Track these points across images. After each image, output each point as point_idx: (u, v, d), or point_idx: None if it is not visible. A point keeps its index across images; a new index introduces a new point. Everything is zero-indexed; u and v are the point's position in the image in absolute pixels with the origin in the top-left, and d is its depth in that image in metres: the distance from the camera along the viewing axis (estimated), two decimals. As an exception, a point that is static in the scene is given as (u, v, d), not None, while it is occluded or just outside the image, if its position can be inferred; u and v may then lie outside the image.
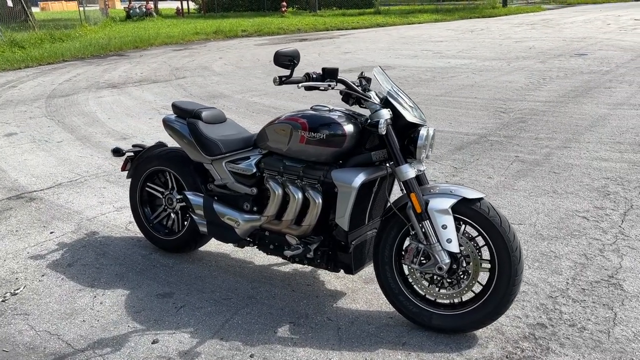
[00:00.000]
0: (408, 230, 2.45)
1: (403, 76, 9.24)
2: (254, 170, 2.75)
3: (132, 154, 3.30)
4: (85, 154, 5.29)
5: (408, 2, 30.70)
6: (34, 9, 25.07)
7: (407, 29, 19.01)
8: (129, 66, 11.59)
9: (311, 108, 2.60)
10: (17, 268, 3.14)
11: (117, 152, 3.28)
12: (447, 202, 2.33)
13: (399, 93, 2.46)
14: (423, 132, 2.37)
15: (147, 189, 3.26)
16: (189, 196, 2.94)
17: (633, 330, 2.43)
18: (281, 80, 2.27)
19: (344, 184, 2.41)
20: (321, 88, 2.32)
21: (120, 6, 37.26)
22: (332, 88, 2.34)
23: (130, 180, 3.31)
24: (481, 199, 2.34)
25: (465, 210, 2.34)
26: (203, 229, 2.92)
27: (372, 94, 2.46)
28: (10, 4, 15.19)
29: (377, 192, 2.63)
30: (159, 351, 2.38)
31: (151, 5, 26.96)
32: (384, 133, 2.33)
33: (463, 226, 2.41)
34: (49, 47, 13.77)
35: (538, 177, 4.33)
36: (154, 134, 5.91)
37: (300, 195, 2.57)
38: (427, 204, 2.35)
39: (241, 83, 9.07)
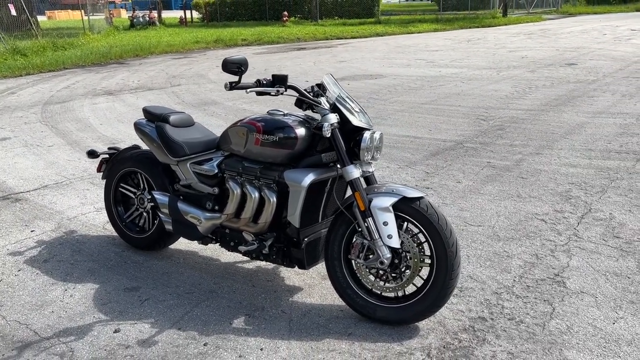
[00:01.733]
0: (355, 228, 2.61)
1: (392, 84, 9.41)
2: (216, 171, 2.92)
3: (107, 155, 3.48)
4: (73, 157, 5.48)
5: (409, 12, 30.97)
6: (41, 18, 25.49)
7: (405, 39, 19.22)
8: (127, 74, 11.83)
9: (267, 112, 2.77)
10: (-4, 263, 3.31)
11: (91, 154, 3.46)
12: (389, 201, 2.48)
13: (347, 99, 2.63)
14: (367, 135, 2.53)
15: (120, 189, 3.43)
16: (156, 195, 3.11)
17: (567, 323, 2.56)
18: (231, 86, 2.44)
19: (295, 183, 2.57)
20: (272, 93, 2.49)
21: (125, 15, 37.76)
22: (282, 94, 2.51)
23: (105, 181, 3.48)
24: (421, 197, 2.50)
25: (405, 208, 2.49)
26: (169, 226, 3.09)
27: (322, 99, 2.63)
28: (13, 12, 15.51)
29: (329, 192, 2.79)
30: (119, 339, 2.53)
31: (155, 14, 27.35)
32: (328, 136, 2.50)
33: (405, 224, 2.56)
34: (51, 55, 14.06)
35: (505, 181, 4.47)
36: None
37: (256, 194, 2.74)
38: (370, 202, 2.51)
39: (234, 91, 9.26)
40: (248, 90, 2.43)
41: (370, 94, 8.60)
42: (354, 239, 2.60)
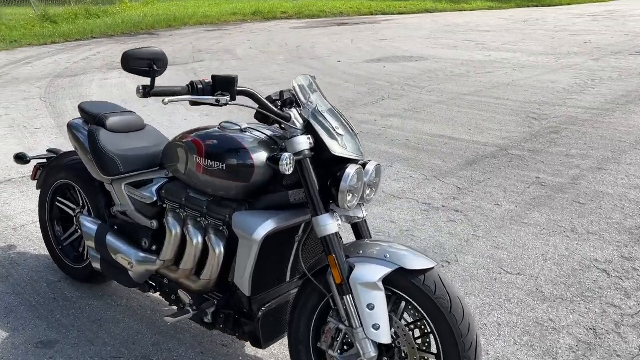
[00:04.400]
0: (330, 303, 1.80)
1: (433, 69, 8.39)
2: (155, 198, 2.15)
3: (44, 160, 2.77)
4: (56, 144, 4.83)
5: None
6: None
7: (455, 16, 17.84)
8: (153, 45, 11.19)
9: (219, 125, 1.96)
10: None
11: (20, 159, 2.75)
12: (378, 272, 1.66)
13: (327, 114, 1.80)
14: (350, 171, 1.70)
15: (57, 203, 2.72)
16: (83, 222, 2.38)
17: None
18: (145, 92, 1.63)
19: (244, 233, 1.78)
20: (210, 103, 1.67)
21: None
22: (227, 104, 1.69)
23: (39, 192, 2.78)
24: (428, 270, 1.66)
25: (403, 284, 1.66)
26: (96, 265, 2.36)
27: (293, 112, 1.80)
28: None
29: (305, 241, 1.99)
30: None
31: (198, -17, 26.63)
32: (287, 172, 1.68)
33: (403, 303, 1.73)
34: (82, 23, 13.57)
35: (557, 208, 3.54)
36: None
37: (199, 239, 1.96)
38: (351, 271, 1.69)
39: (257, 70, 8.47)
40: (167, 100, 1.62)
41: (406, 80, 7.63)
42: (328, 321, 1.79)
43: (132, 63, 1.63)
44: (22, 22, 13.07)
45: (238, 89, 1.72)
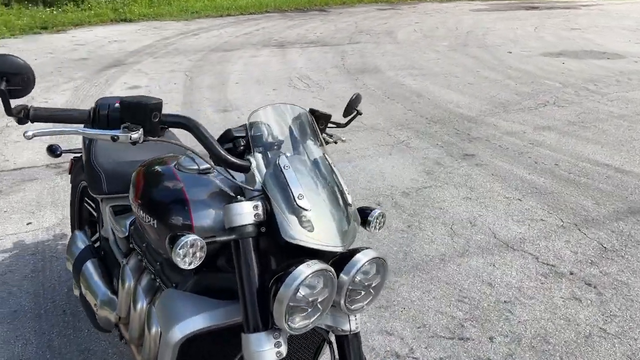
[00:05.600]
0: None
1: (627, 71, 6.78)
2: (127, 232, 1.69)
3: (79, 155, 2.50)
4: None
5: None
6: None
7: (681, 4, 14.72)
8: (317, 24, 10.99)
9: (177, 162, 1.40)
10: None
11: (52, 151, 2.50)
12: None
13: (304, 169, 1.14)
14: (301, 271, 1.03)
15: (85, 204, 2.44)
16: (73, 237, 2.03)
17: None
18: (22, 115, 1.11)
19: (162, 327, 1.23)
20: (107, 139, 1.11)
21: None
22: (139, 141, 1.12)
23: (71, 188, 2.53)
24: None
25: None
26: (76, 291, 2.00)
27: (256, 159, 1.18)
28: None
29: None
30: None
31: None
32: (186, 267, 1.06)
33: None
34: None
35: None
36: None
37: (144, 304, 1.46)
38: None
39: (409, 57, 7.70)
40: (31, 133, 1.08)
41: (586, 82, 6.24)
42: None
43: None
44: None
45: (168, 119, 1.14)
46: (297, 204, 1.08)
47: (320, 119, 1.43)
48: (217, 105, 5.31)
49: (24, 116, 1.10)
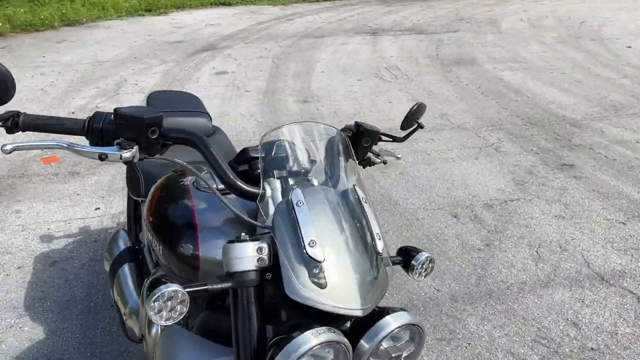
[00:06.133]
0: None
1: None
2: (156, 243, 1.57)
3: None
4: (251, 112, 4.67)
5: None
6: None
7: None
8: (416, 10, 10.53)
9: (196, 178, 1.23)
10: None
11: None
12: None
13: (327, 208, 0.92)
14: (307, 338, 0.83)
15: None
16: (116, 236, 1.95)
17: None
18: (10, 123, 0.98)
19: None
20: (96, 156, 0.95)
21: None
22: (133, 160, 0.95)
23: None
24: None
25: None
26: (112, 294, 1.92)
27: (272, 187, 0.98)
28: None
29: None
30: None
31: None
32: (160, 323, 0.88)
33: None
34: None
35: None
36: (335, 102, 4.88)
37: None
38: None
39: (511, 48, 7.10)
40: (10, 147, 0.95)
41: None
42: None
43: None
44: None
45: (170, 134, 0.97)
46: (307, 252, 0.87)
47: (365, 135, 1.20)
48: (299, 95, 5.16)
49: (12, 124, 0.97)
